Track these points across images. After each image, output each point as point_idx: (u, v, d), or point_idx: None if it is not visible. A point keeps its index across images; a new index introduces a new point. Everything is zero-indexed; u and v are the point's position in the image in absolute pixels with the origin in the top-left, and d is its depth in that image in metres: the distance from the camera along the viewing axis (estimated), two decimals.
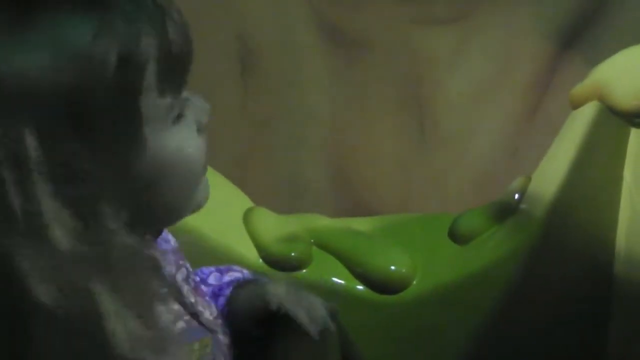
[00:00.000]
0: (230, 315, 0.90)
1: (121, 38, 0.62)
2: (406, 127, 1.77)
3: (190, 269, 0.85)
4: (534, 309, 1.35)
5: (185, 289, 0.81)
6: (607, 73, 1.29)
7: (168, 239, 0.84)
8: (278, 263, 1.37)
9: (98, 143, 0.61)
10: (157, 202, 0.70)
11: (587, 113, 1.30)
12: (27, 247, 0.58)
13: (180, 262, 0.84)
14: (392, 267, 1.37)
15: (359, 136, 1.77)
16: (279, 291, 0.88)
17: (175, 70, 0.67)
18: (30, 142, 0.58)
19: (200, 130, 0.72)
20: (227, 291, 0.92)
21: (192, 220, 0.75)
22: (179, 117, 0.69)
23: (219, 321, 0.87)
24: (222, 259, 1.34)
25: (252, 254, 1.38)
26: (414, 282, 1.37)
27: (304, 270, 1.38)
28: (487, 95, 1.74)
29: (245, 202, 1.47)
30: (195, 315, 0.81)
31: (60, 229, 0.59)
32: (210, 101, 0.73)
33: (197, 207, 0.74)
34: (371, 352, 1.15)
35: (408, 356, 1.39)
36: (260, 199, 1.52)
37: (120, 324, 0.60)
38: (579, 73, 1.47)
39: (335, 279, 1.38)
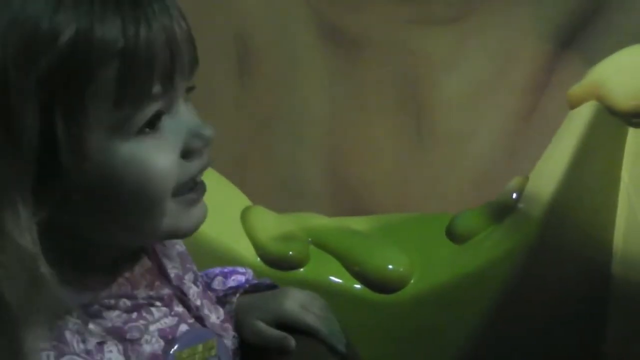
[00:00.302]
0: (238, 326, 0.90)
1: (80, 19, 0.60)
2: (404, 127, 1.77)
3: (198, 272, 0.85)
4: (531, 308, 1.35)
5: (192, 291, 0.81)
6: (605, 73, 1.29)
7: (176, 242, 0.85)
8: (276, 262, 1.37)
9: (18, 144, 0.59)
10: (108, 217, 0.68)
11: (585, 113, 1.30)
12: None
13: (188, 265, 0.84)
14: (390, 266, 1.37)
15: (357, 136, 1.77)
16: (295, 308, 0.90)
17: (132, 81, 0.63)
18: None
19: (188, 154, 0.69)
20: (233, 298, 0.92)
21: None
22: (145, 132, 0.66)
23: (226, 325, 0.88)
24: (219, 257, 1.34)
25: (249, 253, 1.38)
26: (412, 282, 1.37)
27: (302, 269, 1.38)
28: (485, 95, 1.74)
29: (243, 201, 1.47)
30: (200, 318, 0.81)
31: None
32: (208, 101, 0.72)
33: (177, 233, 0.72)
34: (368, 350, 1.15)
35: (405, 355, 1.39)
36: (259, 198, 1.52)
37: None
38: (576, 73, 1.47)
39: (332, 278, 1.38)
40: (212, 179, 0.76)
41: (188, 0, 0.77)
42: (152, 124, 0.67)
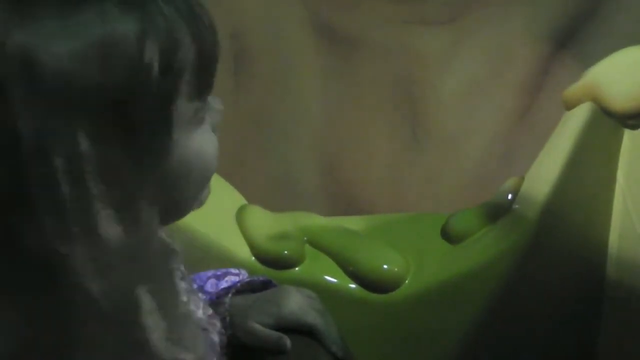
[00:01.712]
0: (233, 327, 0.91)
1: (163, 41, 0.63)
2: (400, 126, 1.77)
3: (184, 270, 0.85)
4: (526, 309, 1.36)
5: (180, 286, 0.81)
6: (601, 74, 1.29)
7: None
8: (271, 261, 1.37)
9: (137, 144, 0.62)
10: (175, 200, 0.71)
11: (580, 114, 1.30)
12: (77, 242, 0.60)
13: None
14: (385, 266, 1.37)
15: (352, 135, 1.77)
16: (294, 308, 0.90)
17: (205, 76, 0.68)
18: (82, 137, 0.60)
19: (214, 130, 0.73)
20: (226, 298, 0.92)
21: (184, 218, 0.75)
22: (201, 120, 0.70)
23: (214, 321, 0.88)
24: (214, 256, 1.34)
25: (244, 252, 1.37)
26: (406, 282, 1.37)
27: (297, 269, 1.38)
28: (481, 96, 1.74)
29: (239, 200, 1.47)
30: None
31: (105, 223, 0.61)
32: None
33: (200, 204, 0.76)
34: (363, 350, 1.15)
35: (399, 355, 1.39)
36: (253, 198, 1.51)
37: (155, 324, 0.63)
38: (572, 74, 1.47)
39: (327, 278, 1.38)
40: None
41: None
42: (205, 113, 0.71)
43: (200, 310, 0.85)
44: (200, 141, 0.70)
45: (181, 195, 0.71)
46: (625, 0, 1.68)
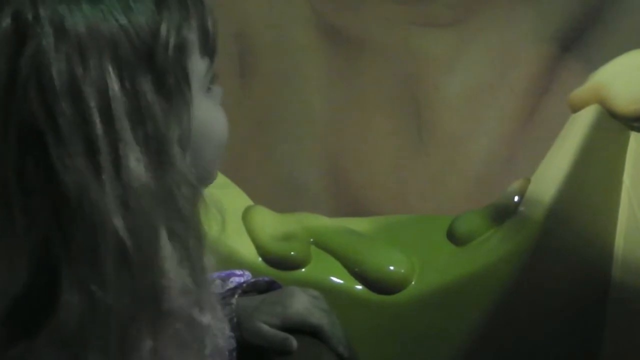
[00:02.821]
0: (240, 328, 0.91)
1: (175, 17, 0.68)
2: (404, 128, 1.77)
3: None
4: (531, 310, 1.35)
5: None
6: (607, 76, 1.30)
7: None
8: (277, 262, 1.37)
9: (163, 89, 0.67)
10: (197, 161, 0.72)
11: (587, 116, 1.30)
12: (105, 177, 0.64)
13: None
14: (391, 267, 1.37)
15: (356, 136, 1.77)
16: (300, 309, 0.91)
17: (211, 38, 0.72)
18: (113, 78, 0.64)
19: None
20: (232, 299, 0.92)
21: None
22: (210, 89, 0.73)
23: (221, 325, 0.88)
24: (220, 257, 1.34)
25: (251, 253, 1.38)
26: (412, 283, 1.37)
27: (303, 270, 1.38)
28: (485, 98, 1.74)
29: (245, 201, 1.47)
30: None
31: (135, 163, 0.64)
32: None
33: (211, 181, 0.77)
34: (368, 351, 1.15)
35: (405, 356, 1.39)
36: (258, 198, 1.51)
37: (175, 273, 0.66)
38: (578, 76, 1.47)
39: (333, 279, 1.38)
40: None
41: None
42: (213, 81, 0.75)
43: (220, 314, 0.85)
44: (213, 108, 0.73)
45: (202, 157, 0.72)
46: (630, 4, 1.68)
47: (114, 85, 0.64)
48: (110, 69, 0.65)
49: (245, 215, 1.42)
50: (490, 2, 1.73)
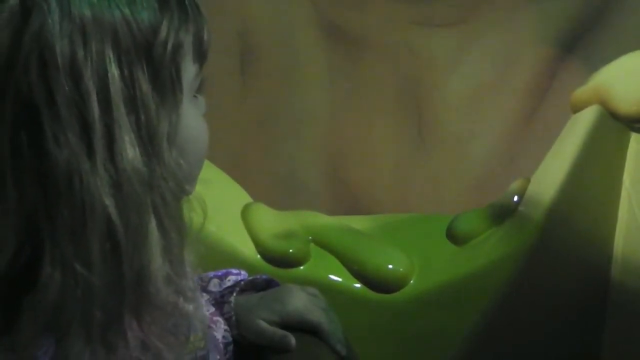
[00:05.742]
0: (239, 325, 0.91)
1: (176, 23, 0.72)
2: (404, 127, 1.77)
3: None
4: (530, 310, 1.35)
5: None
6: (608, 77, 1.30)
7: None
8: (276, 259, 1.37)
9: (159, 82, 0.70)
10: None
11: (587, 117, 1.30)
12: (98, 158, 0.66)
13: None
14: (390, 266, 1.37)
15: (357, 135, 1.78)
16: (299, 307, 0.91)
17: (203, 46, 0.75)
18: (113, 64, 0.67)
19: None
20: (230, 297, 0.93)
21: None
22: (195, 97, 0.76)
23: (216, 319, 0.88)
24: (220, 254, 1.34)
25: (250, 250, 1.38)
26: (411, 282, 1.37)
27: (302, 267, 1.38)
28: (486, 98, 1.74)
29: (244, 198, 1.47)
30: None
31: (129, 147, 0.67)
32: (209, 98, 0.78)
33: (190, 191, 0.78)
34: (367, 350, 1.15)
35: (404, 355, 1.39)
36: (258, 196, 1.51)
37: (160, 259, 0.68)
38: (579, 77, 1.47)
39: (332, 277, 1.38)
40: (213, 174, 0.76)
41: None
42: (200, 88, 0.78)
43: (203, 308, 0.86)
44: (198, 116, 0.75)
45: (185, 161, 0.73)
46: (631, 5, 1.68)
47: (114, 71, 0.67)
48: (111, 55, 0.67)
49: (245, 213, 1.42)
50: (492, 2, 1.73)
